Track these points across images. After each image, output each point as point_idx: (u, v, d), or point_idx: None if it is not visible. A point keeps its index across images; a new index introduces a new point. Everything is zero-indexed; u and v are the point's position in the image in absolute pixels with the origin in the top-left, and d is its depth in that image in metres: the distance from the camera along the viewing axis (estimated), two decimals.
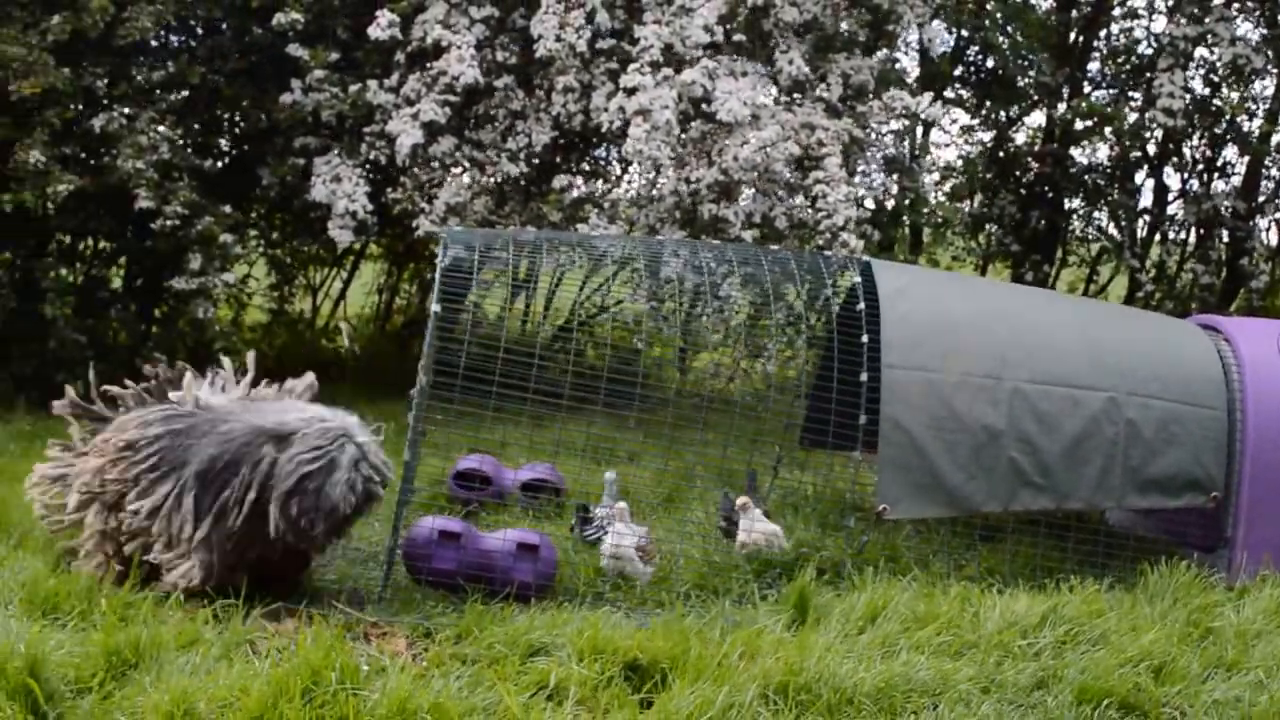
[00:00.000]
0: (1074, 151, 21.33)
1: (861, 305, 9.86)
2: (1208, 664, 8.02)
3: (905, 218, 17.42)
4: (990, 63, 21.48)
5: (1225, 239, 20.83)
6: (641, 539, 9.38)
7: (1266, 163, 20.85)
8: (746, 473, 10.91)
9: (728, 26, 14.41)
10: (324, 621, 8.02)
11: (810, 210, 14.01)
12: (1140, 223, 21.45)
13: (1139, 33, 21.57)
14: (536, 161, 15.51)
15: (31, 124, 14.12)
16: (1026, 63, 20.76)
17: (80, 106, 14.77)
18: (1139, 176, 21.72)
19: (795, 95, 14.72)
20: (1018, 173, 21.68)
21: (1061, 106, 20.42)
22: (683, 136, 14.09)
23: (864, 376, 9.55)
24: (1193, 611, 8.85)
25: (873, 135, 15.64)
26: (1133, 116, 19.36)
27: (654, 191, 14.38)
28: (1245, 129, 20.22)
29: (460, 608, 8.22)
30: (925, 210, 16.91)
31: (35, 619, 7.72)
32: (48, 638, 7.18)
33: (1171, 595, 9.12)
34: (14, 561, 8.81)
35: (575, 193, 15.13)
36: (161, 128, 14.81)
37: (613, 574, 9.26)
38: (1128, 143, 19.93)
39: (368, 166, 15.38)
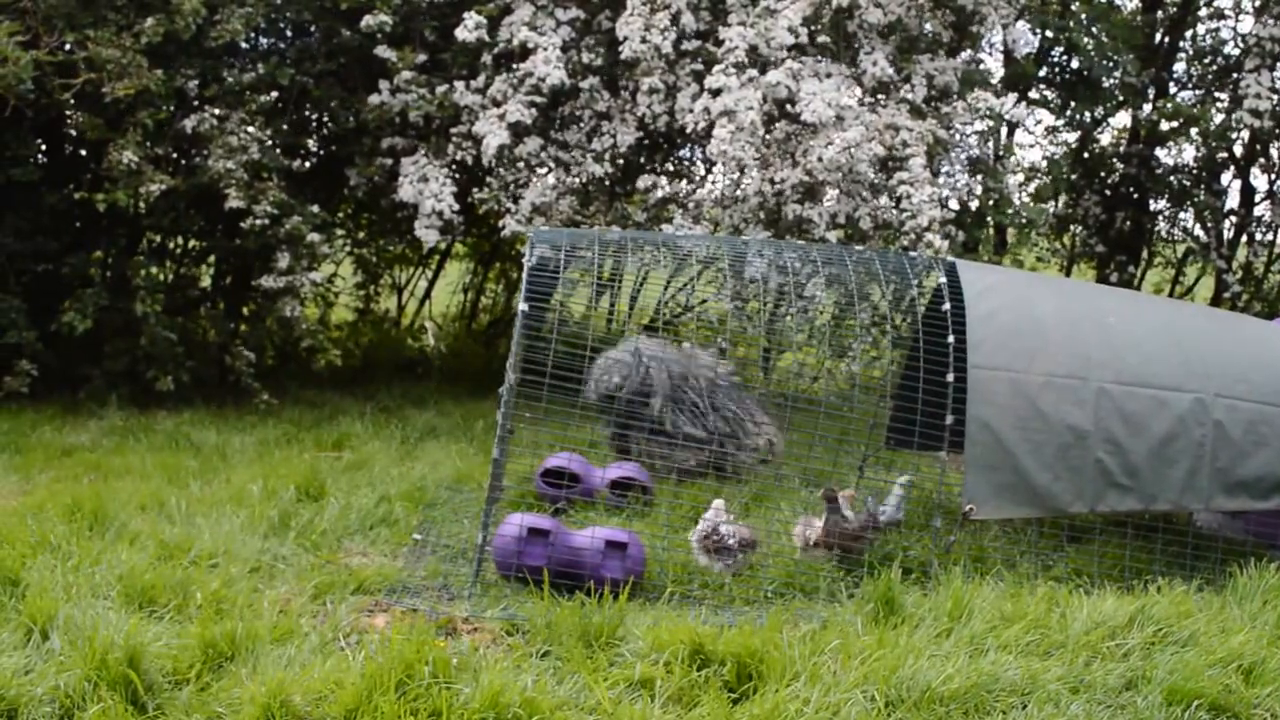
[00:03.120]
0: (1159, 152, 21.20)
1: (947, 305, 9.86)
2: None
3: (989, 218, 17.37)
4: (1075, 63, 21.36)
5: None
6: (713, 531, 9.44)
7: None
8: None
9: (812, 28, 14.40)
10: (415, 616, 8.13)
11: (894, 211, 14.01)
12: (1227, 224, 21.28)
13: (1225, 33, 21.42)
14: (621, 162, 15.58)
15: (125, 125, 14.34)
16: (1112, 63, 20.64)
17: (172, 108, 14.96)
18: (1225, 178, 21.58)
19: (879, 96, 14.70)
20: (1103, 173, 21.57)
21: (1147, 107, 20.29)
22: (767, 137, 14.10)
23: (950, 377, 9.55)
24: None
25: (957, 136, 15.60)
26: (1219, 117, 19.22)
27: (738, 192, 14.41)
28: None
29: (549, 604, 8.29)
30: (1009, 211, 16.84)
31: (133, 611, 7.85)
32: (145, 629, 7.32)
33: (1261, 597, 9.07)
34: (111, 555, 8.93)
35: (660, 193, 15.18)
36: (251, 128, 14.98)
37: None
38: (1214, 144, 19.78)
39: (454, 167, 15.48)
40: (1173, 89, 21.52)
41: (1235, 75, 19.27)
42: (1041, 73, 21.49)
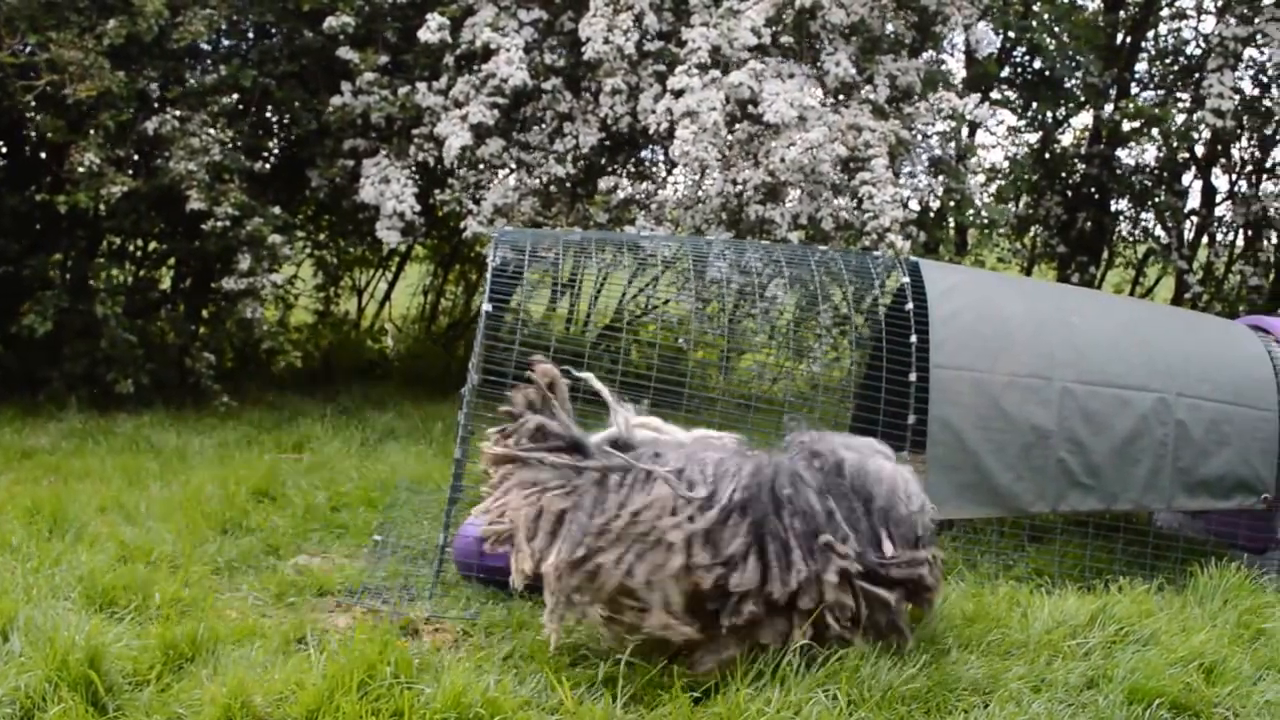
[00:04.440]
0: (1121, 153, 21.25)
1: (910, 305, 9.88)
2: (1260, 665, 8.02)
3: (951, 219, 17.39)
4: (1037, 64, 21.43)
5: (1275, 240, 20.71)
6: None
7: None
8: None
9: (775, 28, 14.41)
10: (377, 617, 8.11)
11: (856, 211, 14.02)
12: (1188, 224, 21.35)
13: (1187, 33, 21.51)
14: (583, 163, 15.55)
15: (86, 127, 14.29)
16: (1074, 64, 20.70)
17: (134, 109, 14.88)
18: (1186, 178, 21.64)
19: (842, 97, 14.72)
20: (1064, 174, 21.62)
21: (1109, 108, 20.36)
22: (729, 138, 14.10)
23: (913, 376, 9.56)
24: (1243, 613, 8.84)
25: (919, 137, 15.62)
26: (1181, 118, 19.28)
27: (700, 193, 14.41)
28: None
29: (510, 604, 8.28)
30: (971, 211, 16.85)
31: (93, 613, 7.83)
32: (106, 631, 7.30)
33: (1221, 596, 9.11)
34: (71, 557, 8.92)
35: (622, 194, 15.17)
36: (213, 130, 14.94)
37: None
38: (1175, 144, 19.84)
39: (416, 168, 15.43)
40: (1135, 89, 21.58)
41: (1197, 75, 19.32)
42: (1004, 73, 21.53)
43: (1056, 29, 20.43)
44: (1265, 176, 21.27)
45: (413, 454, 13.37)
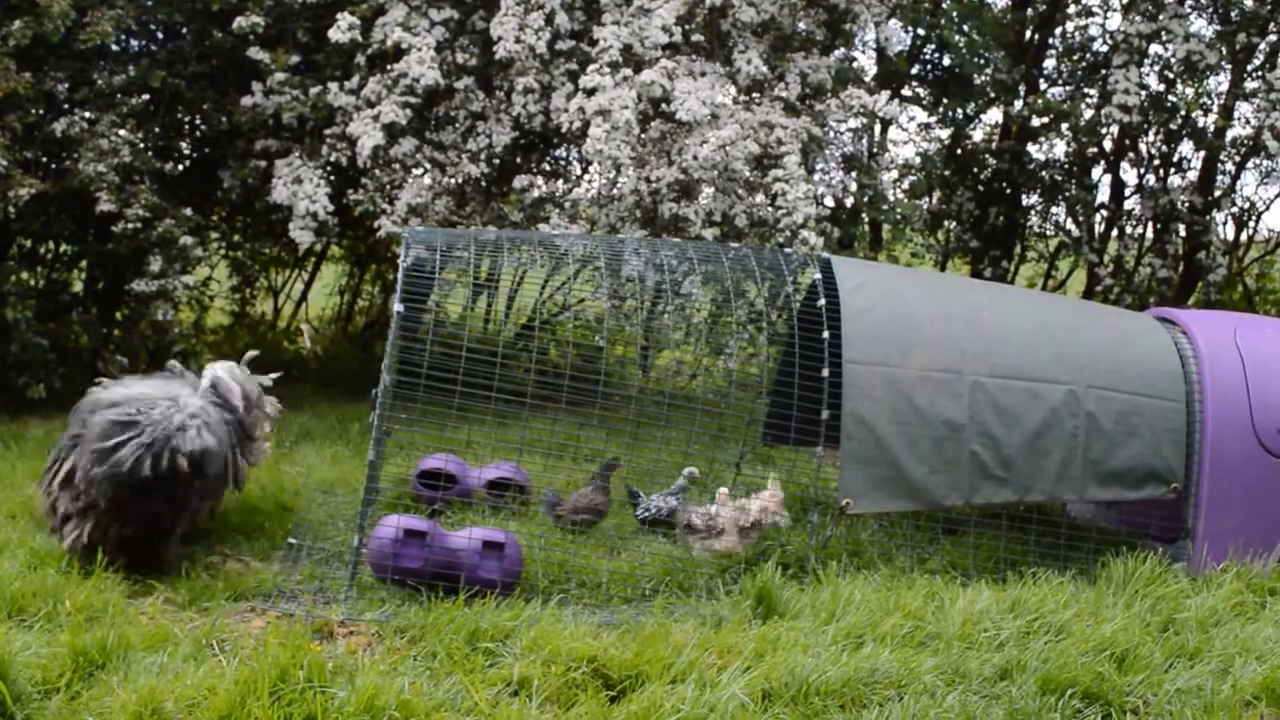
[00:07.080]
0: (1031, 148, 21.44)
1: (822, 301, 9.91)
2: (1170, 653, 8.10)
3: (864, 215, 17.48)
4: (947, 61, 21.58)
5: (1182, 233, 20.89)
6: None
7: (1221, 158, 21.00)
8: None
9: (686, 27, 14.45)
10: (291, 620, 8.06)
11: (770, 208, 14.06)
12: (1098, 218, 21.55)
13: (1094, 30, 21.73)
14: (497, 162, 15.49)
15: None
16: (983, 60, 20.86)
17: (42, 111, 14.74)
18: (1096, 172, 21.90)
19: (754, 94, 14.77)
20: (975, 169, 21.77)
21: (1018, 104, 20.51)
22: (642, 136, 14.12)
23: (826, 372, 9.59)
24: (1155, 601, 8.94)
25: (831, 133, 15.68)
26: (1089, 113, 19.47)
27: (614, 191, 14.41)
28: (1200, 124, 20.36)
29: (426, 606, 8.26)
30: (884, 207, 16.96)
31: (1, 620, 7.75)
32: (14, 638, 7.22)
33: (1134, 586, 9.20)
34: None
35: (536, 193, 15.17)
36: (122, 131, 14.80)
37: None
38: (1084, 139, 20.05)
39: (329, 168, 15.34)
40: (1043, 85, 21.78)
41: (1104, 71, 19.55)
42: (914, 70, 21.68)
43: (965, 26, 20.58)
44: (1172, 170, 21.49)
45: (329, 455, 13.27)
